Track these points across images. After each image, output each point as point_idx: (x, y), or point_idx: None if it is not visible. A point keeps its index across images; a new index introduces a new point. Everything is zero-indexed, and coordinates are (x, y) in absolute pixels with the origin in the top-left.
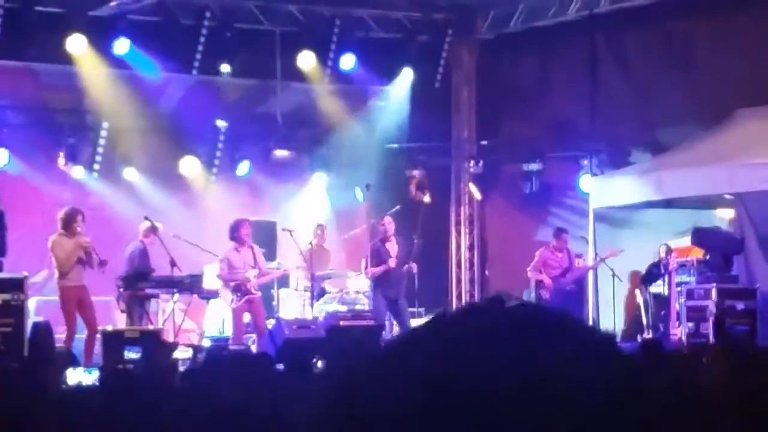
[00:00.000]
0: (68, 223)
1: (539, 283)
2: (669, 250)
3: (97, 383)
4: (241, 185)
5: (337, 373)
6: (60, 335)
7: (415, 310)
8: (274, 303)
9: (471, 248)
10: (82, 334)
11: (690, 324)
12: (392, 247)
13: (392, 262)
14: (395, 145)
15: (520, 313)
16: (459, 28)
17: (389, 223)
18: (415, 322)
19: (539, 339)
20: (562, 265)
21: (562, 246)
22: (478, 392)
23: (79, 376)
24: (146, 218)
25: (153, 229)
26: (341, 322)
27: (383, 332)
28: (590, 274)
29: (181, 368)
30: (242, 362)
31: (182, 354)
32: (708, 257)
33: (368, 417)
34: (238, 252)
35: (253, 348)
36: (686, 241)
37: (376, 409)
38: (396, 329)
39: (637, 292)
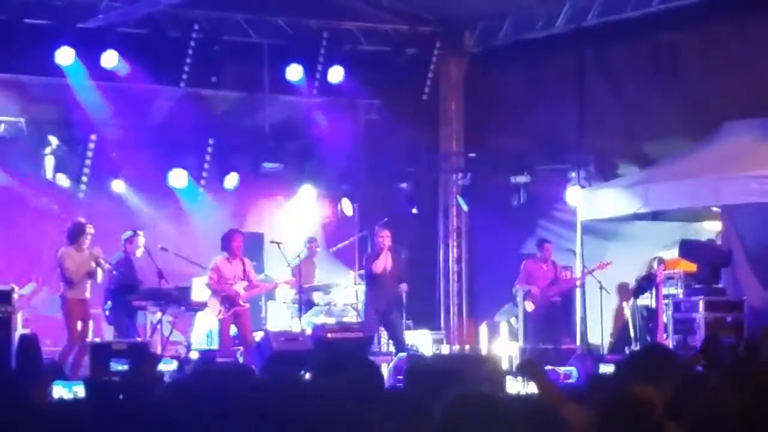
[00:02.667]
0: (76, 236)
1: (527, 294)
2: (661, 263)
3: (82, 396)
4: (230, 197)
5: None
6: (48, 348)
7: (403, 322)
8: (262, 315)
9: (459, 260)
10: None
11: (677, 336)
12: (386, 260)
13: (378, 267)
14: (383, 158)
15: None
16: (447, 41)
17: (386, 237)
18: (406, 335)
19: None
20: (547, 277)
21: (546, 257)
22: None
23: (63, 390)
24: (132, 230)
25: (136, 239)
26: (329, 335)
27: (372, 345)
28: (579, 285)
29: (167, 380)
30: (226, 374)
31: (167, 366)
32: (695, 269)
33: None
34: (229, 263)
35: (242, 360)
36: (673, 253)
37: None
38: (385, 341)
39: (625, 304)
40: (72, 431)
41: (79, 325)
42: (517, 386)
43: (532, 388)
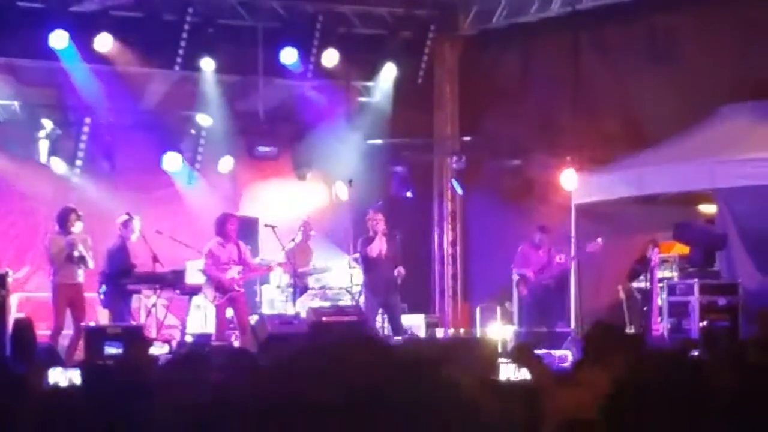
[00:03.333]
0: (62, 222)
1: (521, 278)
2: (655, 246)
3: (76, 381)
4: (224, 181)
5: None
6: (42, 332)
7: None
8: (257, 299)
9: (453, 244)
10: (70, 330)
11: (671, 319)
12: (381, 243)
13: (372, 252)
14: (378, 141)
15: None
16: (441, 24)
17: (380, 221)
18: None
19: None
20: (540, 262)
21: (543, 243)
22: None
23: (59, 376)
24: (127, 213)
25: (131, 223)
26: (323, 318)
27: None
28: (572, 268)
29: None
30: (222, 357)
31: (159, 350)
32: (690, 252)
33: None
34: (223, 247)
35: (237, 344)
36: (668, 236)
37: None
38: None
39: (620, 287)
40: (64, 415)
41: (70, 310)
42: (509, 371)
43: (524, 372)
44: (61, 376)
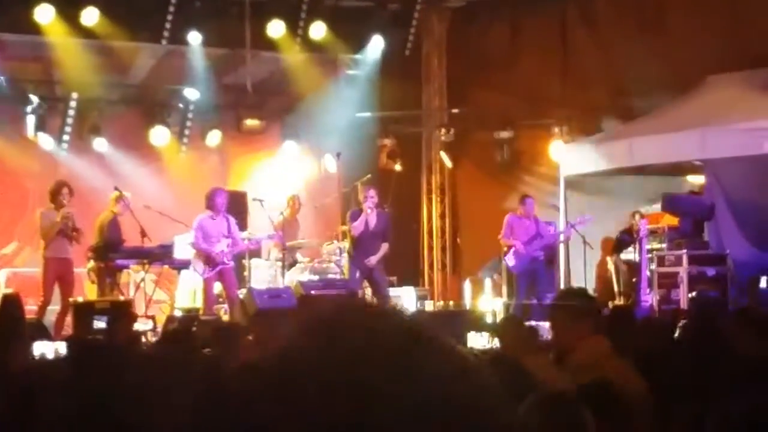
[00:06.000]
0: (54, 196)
1: (509, 250)
2: (641, 217)
3: (62, 355)
4: (212, 155)
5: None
6: (31, 307)
7: (387, 279)
8: (246, 273)
9: (442, 216)
10: (56, 306)
11: (661, 290)
12: (370, 218)
13: (357, 230)
14: (366, 114)
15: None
16: None
17: (371, 198)
18: (391, 292)
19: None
20: (529, 232)
21: (528, 212)
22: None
23: (46, 348)
24: (116, 188)
25: (122, 199)
26: (312, 292)
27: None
28: (562, 240)
29: (151, 338)
30: (210, 331)
31: (144, 325)
32: (678, 223)
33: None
34: (213, 220)
35: (225, 318)
36: (657, 207)
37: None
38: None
39: (608, 259)
40: (48, 390)
41: (59, 284)
42: (481, 340)
43: (496, 342)
44: (48, 348)
